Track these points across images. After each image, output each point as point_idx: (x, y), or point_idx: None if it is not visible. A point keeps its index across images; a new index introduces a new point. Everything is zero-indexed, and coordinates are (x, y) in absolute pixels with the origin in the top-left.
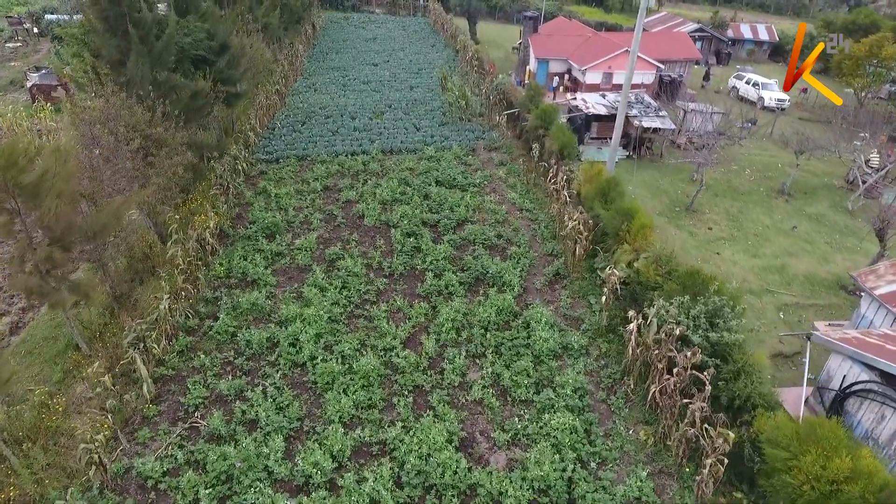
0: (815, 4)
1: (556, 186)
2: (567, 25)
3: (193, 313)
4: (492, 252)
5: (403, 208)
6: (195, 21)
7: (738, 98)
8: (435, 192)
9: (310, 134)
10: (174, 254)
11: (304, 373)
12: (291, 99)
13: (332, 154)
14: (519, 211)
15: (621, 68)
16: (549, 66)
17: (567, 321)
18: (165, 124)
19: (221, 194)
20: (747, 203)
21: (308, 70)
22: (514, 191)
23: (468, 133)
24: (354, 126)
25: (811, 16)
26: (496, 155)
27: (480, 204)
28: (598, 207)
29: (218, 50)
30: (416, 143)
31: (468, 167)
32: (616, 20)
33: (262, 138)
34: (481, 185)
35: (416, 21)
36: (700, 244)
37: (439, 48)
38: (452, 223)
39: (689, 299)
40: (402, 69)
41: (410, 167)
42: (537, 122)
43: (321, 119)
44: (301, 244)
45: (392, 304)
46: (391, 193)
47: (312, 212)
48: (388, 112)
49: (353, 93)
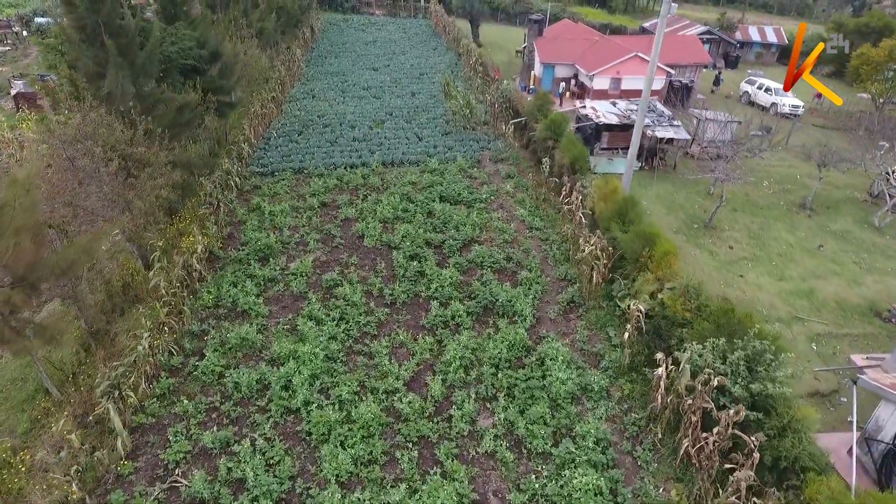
0: (819, 5)
1: (571, 207)
2: (573, 28)
3: (178, 349)
4: (501, 277)
5: (406, 227)
6: (184, 28)
7: (750, 104)
8: (439, 208)
9: (307, 144)
10: (157, 284)
11: (298, 420)
12: (288, 106)
13: (330, 166)
14: (528, 229)
15: (630, 73)
16: (555, 70)
17: (585, 357)
18: (148, 142)
19: (211, 213)
20: (768, 218)
21: (306, 75)
22: (522, 207)
23: (473, 143)
24: (354, 136)
25: (814, 16)
26: (503, 167)
27: (487, 222)
28: (615, 229)
29: (209, 58)
30: (418, 154)
31: (473, 181)
32: (620, 21)
33: (257, 149)
34: (488, 200)
35: (416, 23)
36: (721, 265)
37: (441, 51)
38: (458, 244)
39: (725, 342)
40: (403, 74)
41: (413, 181)
42: (546, 132)
43: (319, 128)
44: (296, 268)
45: (394, 337)
46: (392, 210)
47: (309, 231)
48: (389, 120)
49: (352, 99)
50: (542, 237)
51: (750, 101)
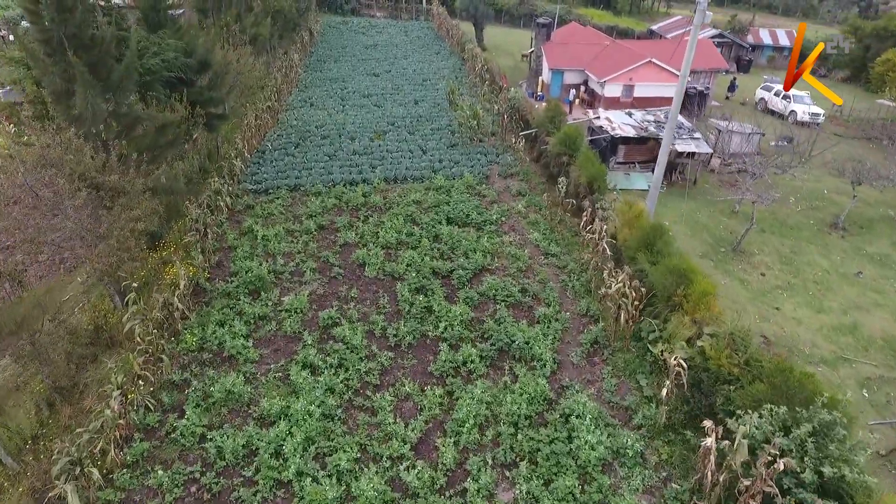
0: (825, 6)
1: (594, 236)
2: (581, 32)
3: (155, 404)
4: (516, 312)
5: (410, 254)
6: (169, 36)
7: (766, 111)
8: (446, 232)
9: (304, 159)
10: (132, 328)
11: (290, 496)
12: (285, 116)
13: (329, 183)
14: (544, 256)
15: (644, 80)
16: (564, 76)
17: (614, 411)
18: (123, 168)
19: (198, 240)
20: (799, 240)
21: (304, 81)
22: (536, 229)
23: (480, 156)
24: (354, 149)
25: (819, 17)
26: (513, 183)
27: (499, 247)
28: (642, 260)
29: (197, 68)
30: (422, 169)
31: (482, 199)
32: (626, 23)
33: (251, 164)
34: (498, 221)
35: (418, 26)
36: (755, 295)
37: (444, 55)
38: (468, 273)
39: (787, 411)
40: (406, 80)
41: (417, 200)
42: (560, 147)
43: (317, 140)
44: (290, 304)
45: (399, 388)
46: (396, 235)
47: (305, 259)
48: (391, 131)
49: (352, 108)
50: (559, 264)
51: (766, 108)
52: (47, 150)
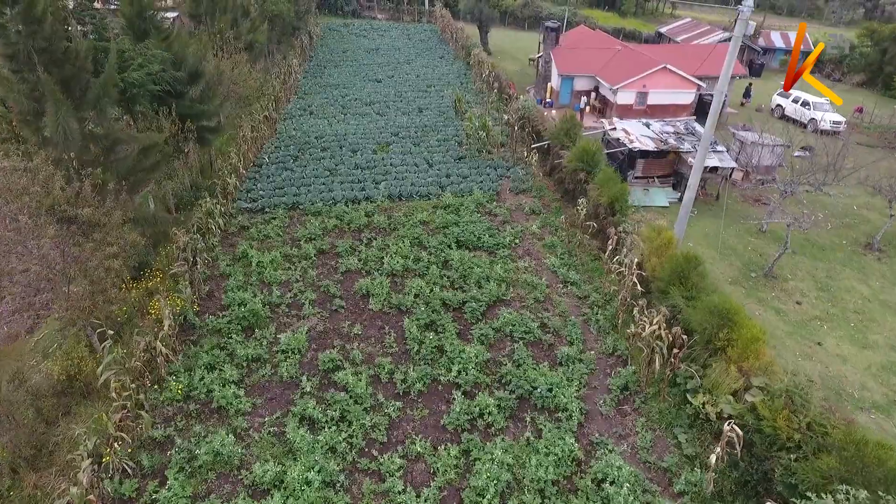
0: (830, 6)
1: (619, 267)
2: (591, 36)
3: (133, 467)
4: (536, 351)
5: (418, 283)
6: (157, 45)
7: (783, 118)
8: (456, 257)
9: (303, 174)
10: (108, 381)
11: None
12: (284, 125)
13: (329, 201)
14: (562, 284)
15: (658, 87)
16: (574, 83)
17: (652, 474)
18: (100, 198)
19: (188, 270)
20: (832, 262)
21: (303, 88)
22: (552, 253)
23: (490, 170)
24: (356, 162)
25: (824, 18)
26: (525, 200)
27: (514, 275)
28: (674, 295)
29: (187, 79)
30: (429, 184)
31: (494, 219)
32: (632, 25)
33: (247, 179)
34: (512, 245)
35: (421, 28)
36: (793, 328)
37: (448, 60)
38: (482, 306)
39: (868, 497)
40: (409, 86)
41: (424, 220)
42: (578, 163)
43: (317, 152)
44: (287, 343)
45: (409, 448)
46: (402, 261)
47: (304, 289)
48: (395, 142)
49: (354, 117)
50: (580, 294)
51: (783, 115)
52: (12, 177)
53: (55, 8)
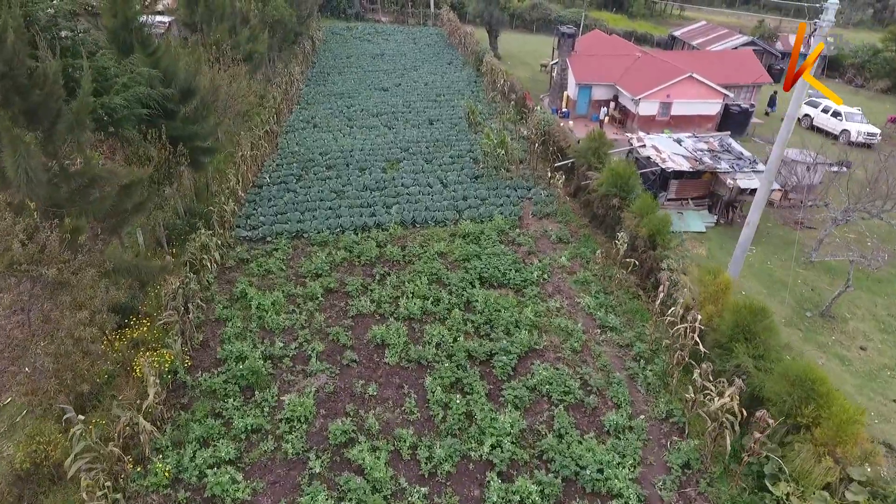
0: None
1: (671, 318)
2: (607, 42)
3: None
4: (579, 417)
5: (439, 331)
6: (145, 61)
7: (811, 129)
8: (481, 298)
9: (307, 196)
10: (77, 474)
11: None
12: (285, 140)
13: (337, 229)
14: (600, 329)
15: (682, 97)
16: (592, 92)
17: None
18: (70, 250)
19: (178, 319)
20: (892, 298)
21: (306, 97)
22: (586, 291)
23: (509, 191)
24: (364, 183)
25: None
26: (550, 226)
27: (545, 318)
28: (739, 352)
29: (179, 97)
30: (444, 209)
31: (518, 248)
32: (643, 28)
33: (246, 203)
34: (540, 280)
35: (427, 32)
36: (862, 381)
37: (457, 66)
38: (512, 359)
39: None
40: (418, 95)
41: (442, 251)
42: (610, 188)
43: (322, 171)
44: (292, 408)
45: None
46: (420, 302)
47: (310, 337)
48: (406, 159)
49: (360, 130)
50: (621, 342)
51: (811, 125)
52: None
53: (17, 24)
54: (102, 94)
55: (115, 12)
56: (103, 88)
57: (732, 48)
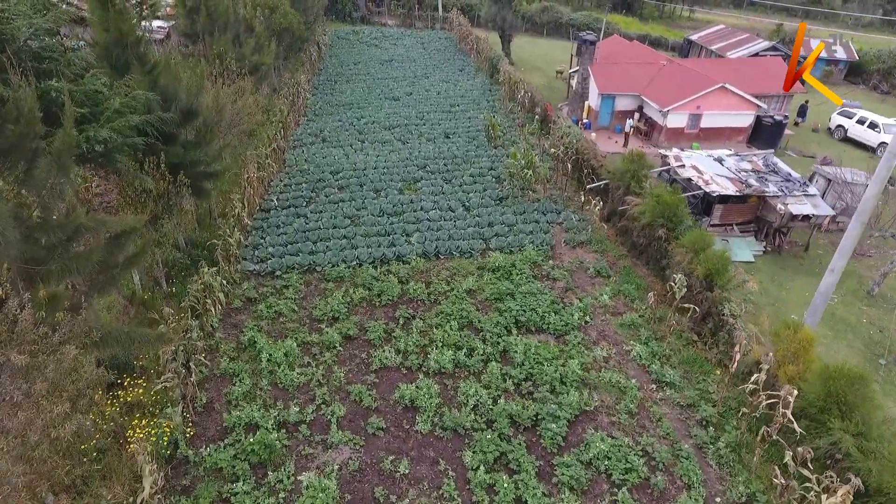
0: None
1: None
2: (629, 48)
3: None
4: (646, 502)
5: (475, 389)
6: (142, 81)
7: (844, 140)
8: (519, 346)
9: (318, 222)
10: None
11: None
12: (293, 156)
13: (353, 261)
14: (655, 384)
15: (713, 108)
16: (616, 102)
17: None
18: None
19: (179, 383)
20: None
21: (313, 107)
22: (636, 338)
23: (537, 215)
24: (381, 207)
25: (839, 20)
26: (586, 256)
27: (594, 374)
28: (836, 429)
29: (180, 119)
30: (469, 237)
31: (553, 284)
32: (657, 31)
33: (252, 230)
34: (581, 323)
35: (436, 36)
36: None
37: (469, 73)
38: (562, 426)
39: None
40: (431, 105)
41: (471, 288)
42: (656, 219)
43: (333, 192)
44: (311, 492)
45: None
46: (452, 353)
47: (329, 398)
48: (423, 178)
49: (372, 145)
50: (682, 401)
51: (845, 136)
52: None
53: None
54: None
55: (108, 25)
56: (93, 115)
57: (753, 54)
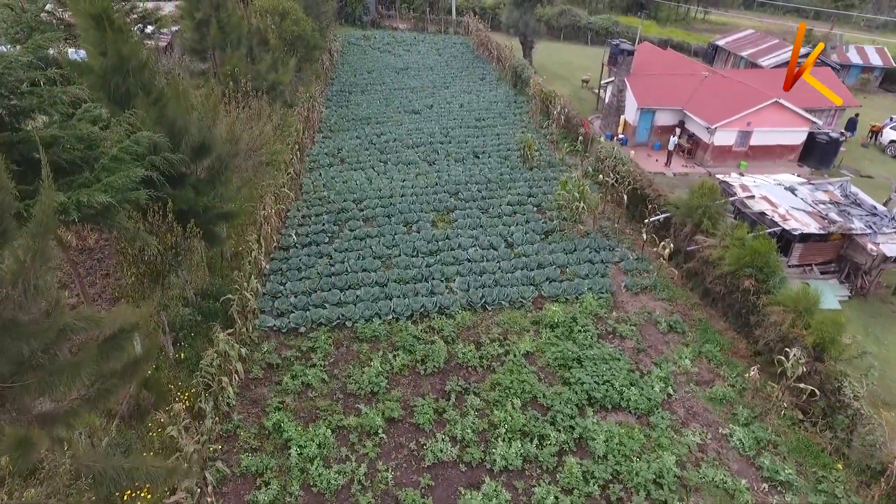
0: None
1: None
2: (663, 57)
3: None
4: None
5: (553, 496)
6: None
7: None
8: (599, 434)
9: (344, 264)
10: None
11: None
12: (310, 179)
13: (388, 313)
14: (767, 484)
15: (764, 125)
16: (656, 117)
17: None
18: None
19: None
20: None
21: (328, 122)
22: (729, 416)
23: (590, 252)
24: (414, 244)
25: (852, 21)
26: (653, 305)
27: (693, 470)
28: None
29: (191, 156)
30: (518, 281)
31: (621, 343)
32: (677, 36)
33: (270, 273)
34: (665, 397)
35: (451, 42)
36: None
37: (491, 82)
38: None
39: None
40: (454, 119)
41: (529, 350)
42: (743, 269)
43: (358, 225)
44: None
45: None
46: (519, 445)
47: None
48: (457, 207)
49: (396, 166)
50: None
51: None
52: None
53: None
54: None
55: (104, 48)
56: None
57: (787, 61)
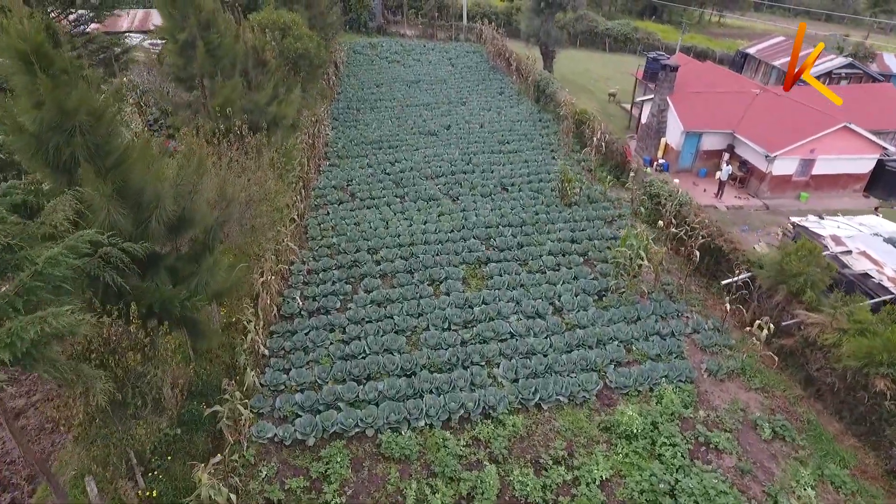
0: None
1: None
2: (704, 71)
3: None
4: None
5: None
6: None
7: None
8: None
9: (362, 344)
10: None
11: None
12: (315, 219)
13: (419, 417)
14: None
15: (830, 152)
16: (702, 140)
17: None
18: None
19: None
20: None
21: (334, 146)
22: None
23: (656, 321)
24: (444, 313)
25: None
26: (746, 398)
27: None
28: None
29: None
30: (576, 366)
31: (718, 458)
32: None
33: (270, 357)
34: None
35: (463, 50)
36: None
37: (510, 96)
38: None
39: None
40: (476, 143)
41: (604, 477)
42: (877, 368)
43: (375, 282)
44: None
45: None
46: None
47: None
48: (490, 259)
49: (415, 203)
50: None
51: None
52: None
53: None
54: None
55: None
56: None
57: (826, 72)
